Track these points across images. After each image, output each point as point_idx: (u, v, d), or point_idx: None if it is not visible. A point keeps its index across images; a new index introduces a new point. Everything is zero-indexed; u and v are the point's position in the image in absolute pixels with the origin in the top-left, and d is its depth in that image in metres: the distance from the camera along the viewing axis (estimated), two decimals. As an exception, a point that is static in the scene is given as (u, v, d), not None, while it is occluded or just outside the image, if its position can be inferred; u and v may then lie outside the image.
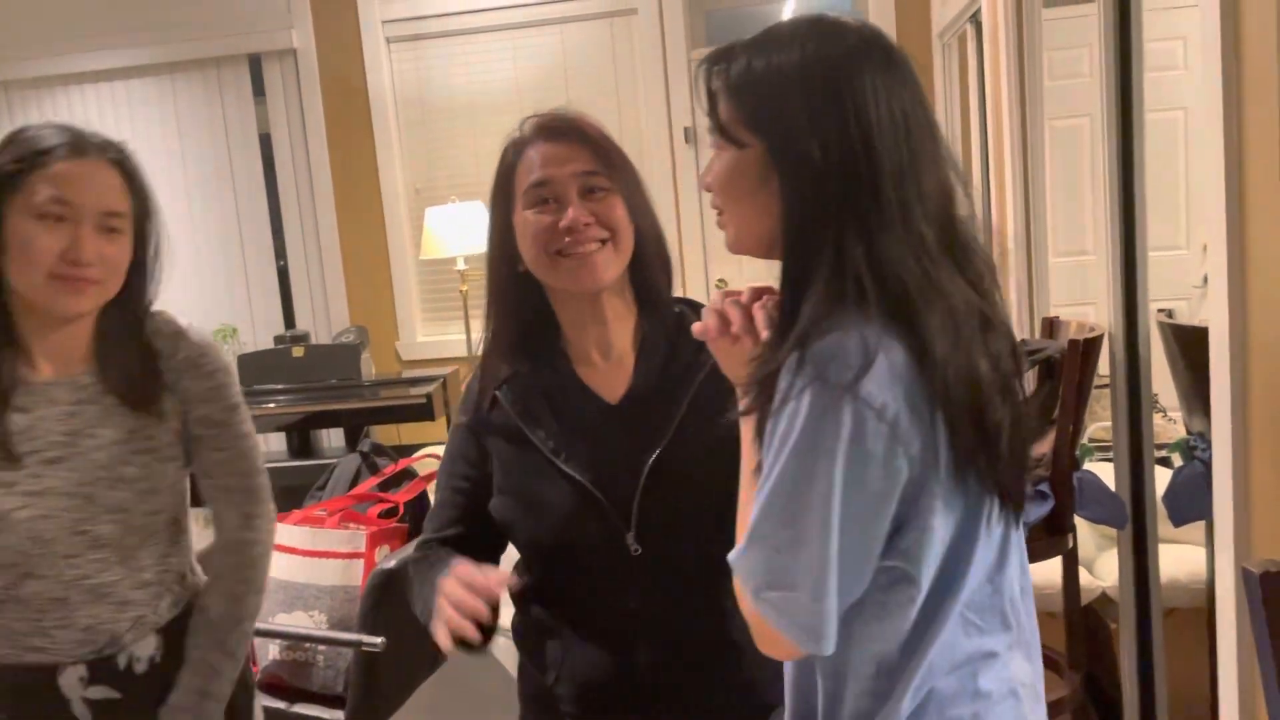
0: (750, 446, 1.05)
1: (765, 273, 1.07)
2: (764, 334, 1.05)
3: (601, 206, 1.29)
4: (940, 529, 0.97)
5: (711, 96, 1.03)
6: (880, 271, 0.96)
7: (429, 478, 2.46)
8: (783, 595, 0.96)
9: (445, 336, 4.86)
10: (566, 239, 1.27)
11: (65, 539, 1.37)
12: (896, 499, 0.96)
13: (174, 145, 4.92)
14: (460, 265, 4.28)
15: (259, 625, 2.28)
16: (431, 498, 1.47)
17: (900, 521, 0.97)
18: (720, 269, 4.70)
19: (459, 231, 4.19)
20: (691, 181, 4.66)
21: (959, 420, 0.95)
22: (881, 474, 0.94)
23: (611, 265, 1.30)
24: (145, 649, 1.45)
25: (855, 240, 0.96)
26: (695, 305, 1.41)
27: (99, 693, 1.41)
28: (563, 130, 1.32)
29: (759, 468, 0.99)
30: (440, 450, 1.49)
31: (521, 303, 1.35)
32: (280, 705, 2.22)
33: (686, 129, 4.63)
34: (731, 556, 1.00)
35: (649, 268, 1.36)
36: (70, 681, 1.40)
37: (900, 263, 0.96)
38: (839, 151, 0.96)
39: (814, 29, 1.00)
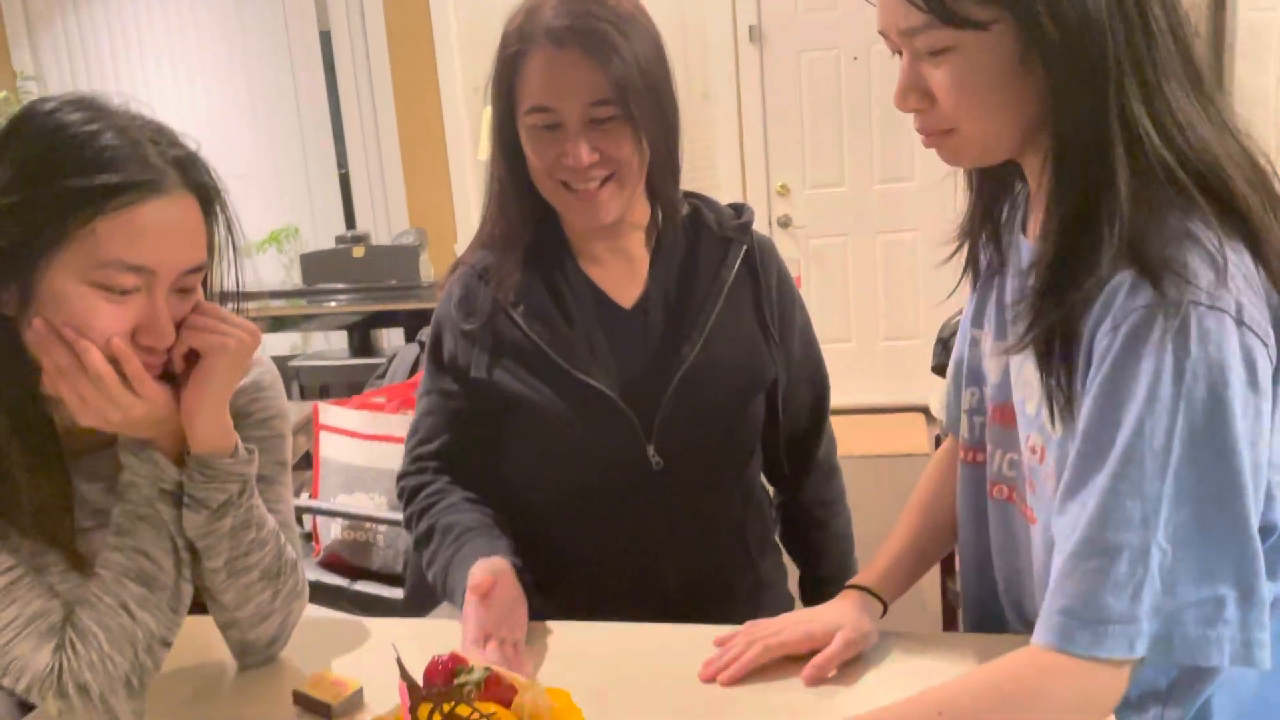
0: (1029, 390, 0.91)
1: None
2: None
3: (607, 141, 1.16)
4: None
5: None
6: (1179, 141, 0.81)
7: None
8: (1207, 601, 0.78)
9: (504, 239, 4.85)
10: (569, 174, 1.18)
11: None
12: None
13: (236, 44, 4.91)
14: (519, 166, 4.23)
15: (321, 505, 2.34)
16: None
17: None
18: (781, 174, 4.61)
19: (518, 131, 4.13)
20: (755, 83, 4.56)
21: None
22: (1269, 410, 0.80)
23: (615, 201, 1.20)
24: None
25: (1138, 99, 0.81)
26: (705, 200, 1.33)
27: None
28: (575, 39, 1.13)
29: (1070, 407, 0.85)
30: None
31: (534, 199, 1.24)
32: (342, 583, 2.28)
33: (751, 27, 4.50)
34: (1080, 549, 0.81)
35: (660, 175, 1.24)
36: None
37: (1195, 127, 0.81)
38: None
39: None
